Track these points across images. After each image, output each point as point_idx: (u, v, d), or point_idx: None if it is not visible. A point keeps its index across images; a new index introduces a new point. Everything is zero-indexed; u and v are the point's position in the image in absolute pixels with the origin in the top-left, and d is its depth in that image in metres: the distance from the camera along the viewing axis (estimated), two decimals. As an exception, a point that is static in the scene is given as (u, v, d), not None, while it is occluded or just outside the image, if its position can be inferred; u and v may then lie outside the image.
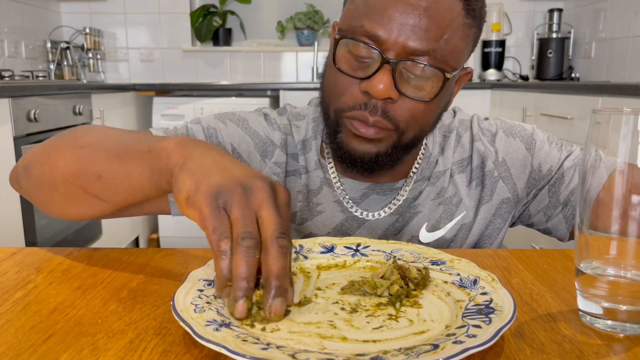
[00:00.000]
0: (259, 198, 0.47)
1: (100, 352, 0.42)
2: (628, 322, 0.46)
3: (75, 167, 0.62)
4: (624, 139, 0.43)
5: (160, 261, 0.63)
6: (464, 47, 0.71)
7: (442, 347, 0.39)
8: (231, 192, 0.47)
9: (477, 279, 0.52)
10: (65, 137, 0.67)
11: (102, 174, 0.60)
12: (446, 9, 0.67)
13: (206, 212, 0.47)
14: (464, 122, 0.87)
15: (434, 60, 0.67)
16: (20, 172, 0.70)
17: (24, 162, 0.69)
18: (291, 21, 3.55)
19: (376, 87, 0.66)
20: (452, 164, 0.83)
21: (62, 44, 3.37)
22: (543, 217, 0.84)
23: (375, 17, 0.67)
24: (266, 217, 0.47)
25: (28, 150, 0.71)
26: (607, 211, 0.44)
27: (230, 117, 0.82)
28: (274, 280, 0.45)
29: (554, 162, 0.82)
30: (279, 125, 0.83)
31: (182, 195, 0.49)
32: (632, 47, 2.73)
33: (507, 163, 0.83)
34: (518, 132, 0.85)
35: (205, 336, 0.39)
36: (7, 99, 1.93)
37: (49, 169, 0.64)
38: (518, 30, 3.57)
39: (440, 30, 0.66)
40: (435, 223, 0.82)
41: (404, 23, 0.66)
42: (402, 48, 0.66)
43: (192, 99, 3.07)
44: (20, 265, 0.61)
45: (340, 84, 0.70)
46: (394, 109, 0.69)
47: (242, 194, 0.47)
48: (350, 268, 0.59)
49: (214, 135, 0.80)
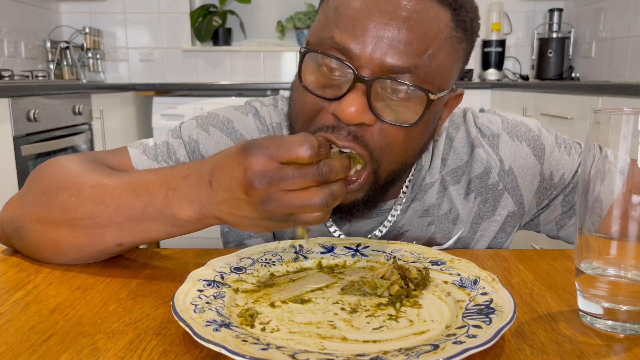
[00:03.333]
0: (259, 160, 0.47)
1: (100, 352, 0.42)
2: (628, 322, 0.46)
3: (85, 239, 0.58)
4: (624, 139, 0.43)
5: (160, 261, 0.63)
6: (452, 64, 0.61)
7: (442, 347, 0.39)
8: (263, 174, 0.47)
9: (477, 279, 0.52)
10: (53, 205, 0.59)
11: (122, 242, 0.58)
12: (431, 19, 0.58)
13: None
14: (454, 118, 0.76)
15: (417, 79, 0.57)
16: (10, 234, 0.63)
17: (13, 224, 0.62)
18: (291, 21, 3.55)
19: (346, 110, 0.57)
20: (444, 173, 0.73)
21: (62, 44, 3.37)
22: (555, 227, 0.78)
23: (347, 27, 0.57)
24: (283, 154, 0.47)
25: (7, 205, 0.65)
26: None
27: (213, 122, 0.75)
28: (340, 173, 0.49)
29: (566, 170, 0.74)
30: (269, 126, 0.76)
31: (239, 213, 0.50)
32: (632, 47, 2.73)
33: (515, 172, 0.73)
34: (524, 135, 0.74)
35: (205, 336, 0.39)
36: (6, 98, 1.93)
37: (52, 239, 0.59)
38: (518, 30, 3.56)
39: (424, 44, 0.57)
40: (426, 244, 0.73)
41: (380, 35, 0.56)
42: (379, 65, 0.57)
43: (192, 99, 3.07)
44: (20, 265, 0.61)
45: (309, 105, 0.61)
46: (366, 133, 0.59)
47: (274, 189, 0.48)
48: (350, 268, 0.59)
49: (196, 150, 0.73)
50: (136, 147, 0.73)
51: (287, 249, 0.61)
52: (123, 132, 3.06)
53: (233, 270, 0.55)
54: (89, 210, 0.57)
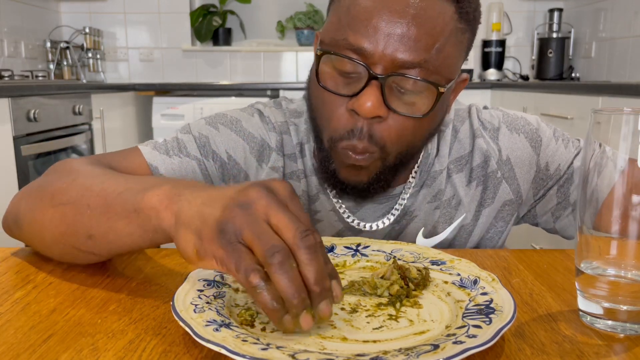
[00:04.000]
0: (261, 207, 0.43)
1: (100, 352, 0.42)
2: (628, 322, 0.46)
3: (63, 228, 0.57)
4: (624, 139, 0.43)
5: (160, 261, 0.63)
6: (458, 54, 0.65)
7: (442, 347, 0.39)
8: (232, 219, 0.43)
9: (477, 279, 0.52)
10: (47, 190, 0.60)
11: (92, 233, 0.55)
12: (437, 14, 0.61)
13: (221, 254, 0.42)
14: (460, 113, 0.81)
15: (426, 73, 0.62)
16: (11, 224, 0.65)
17: (13, 215, 0.64)
18: (291, 21, 3.55)
19: (364, 105, 0.61)
20: (449, 162, 0.78)
21: (62, 44, 3.37)
22: (551, 218, 0.81)
23: (359, 28, 0.62)
24: (277, 222, 0.43)
25: (14, 197, 0.66)
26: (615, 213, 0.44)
27: (222, 121, 0.78)
28: (313, 287, 0.41)
29: (562, 162, 0.78)
30: (274, 124, 0.78)
31: (189, 252, 0.46)
32: (632, 47, 2.73)
33: (512, 162, 0.78)
34: (522, 127, 0.79)
35: (205, 336, 0.39)
36: (6, 98, 1.93)
37: (38, 228, 0.60)
38: (518, 30, 3.57)
39: (432, 39, 0.61)
40: (432, 229, 0.78)
41: (390, 33, 0.60)
42: (391, 61, 0.61)
43: (192, 99, 3.07)
44: (20, 265, 0.61)
45: (328, 104, 0.66)
46: (379, 128, 0.64)
47: (243, 214, 0.43)
48: (350, 268, 0.59)
49: (207, 144, 0.75)
50: (146, 144, 0.75)
51: (287, 249, 0.61)
52: (123, 132, 3.06)
53: (233, 270, 0.55)
54: (74, 194, 0.57)
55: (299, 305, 0.41)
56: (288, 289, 0.40)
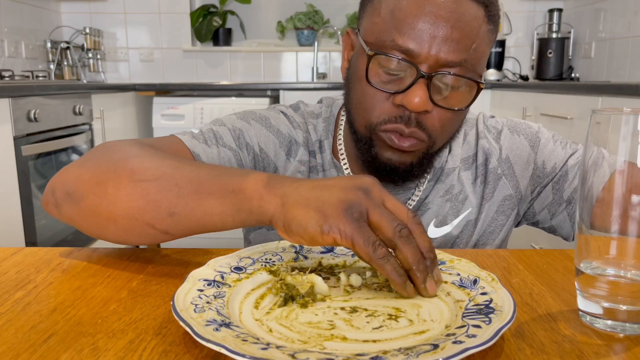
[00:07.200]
0: (377, 193, 0.51)
1: (100, 352, 0.42)
2: (628, 322, 0.46)
3: (142, 203, 0.57)
4: (624, 139, 0.43)
5: (160, 261, 0.63)
6: (487, 52, 0.73)
7: (442, 347, 0.39)
8: (358, 201, 0.49)
9: (477, 279, 0.52)
10: (123, 166, 0.60)
11: (176, 211, 0.56)
12: (472, 18, 0.69)
13: (349, 229, 0.48)
14: (469, 120, 0.88)
15: (466, 70, 0.69)
16: (61, 199, 0.63)
17: (66, 187, 0.62)
18: (291, 21, 3.55)
19: (413, 101, 0.68)
20: (459, 161, 0.85)
21: (62, 44, 3.37)
22: (547, 215, 0.85)
23: (406, 31, 0.68)
24: (391, 206, 0.51)
25: (62, 171, 0.64)
26: (607, 210, 0.44)
27: (252, 117, 0.83)
28: (429, 254, 0.50)
29: (558, 160, 0.83)
30: (298, 123, 0.85)
31: (311, 227, 0.49)
32: (632, 47, 2.73)
33: (511, 160, 0.84)
34: (523, 130, 0.86)
35: (205, 336, 0.39)
36: (7, 99, 1.93)
37: (108, 202, 0.59)
38: (518, 30, 3.57)
39: (470, 40, 0.68)
40: (442, 219, 0.84)
41: (435, 35, 0.67)
42: (435, 60, 0.68)
43: (192, 99, 3.07)
44: (20, 265, 0.61)
45: (371, 98, 0.72)
46: (427, 119, 0.71)
47: (366, 197, 0.50)
48: (350, 268, 0.59)
49: (241, 136, 0.80)
50: (183, 134, 0.78)
51: (287, 249, 0.61)
52: (123, 132, 3.06)
53: (233, 270, 0.55)
54: (159, 172, 0.59)
55: (424, 270, 0.49)
56: (414, 257, 0.49)
